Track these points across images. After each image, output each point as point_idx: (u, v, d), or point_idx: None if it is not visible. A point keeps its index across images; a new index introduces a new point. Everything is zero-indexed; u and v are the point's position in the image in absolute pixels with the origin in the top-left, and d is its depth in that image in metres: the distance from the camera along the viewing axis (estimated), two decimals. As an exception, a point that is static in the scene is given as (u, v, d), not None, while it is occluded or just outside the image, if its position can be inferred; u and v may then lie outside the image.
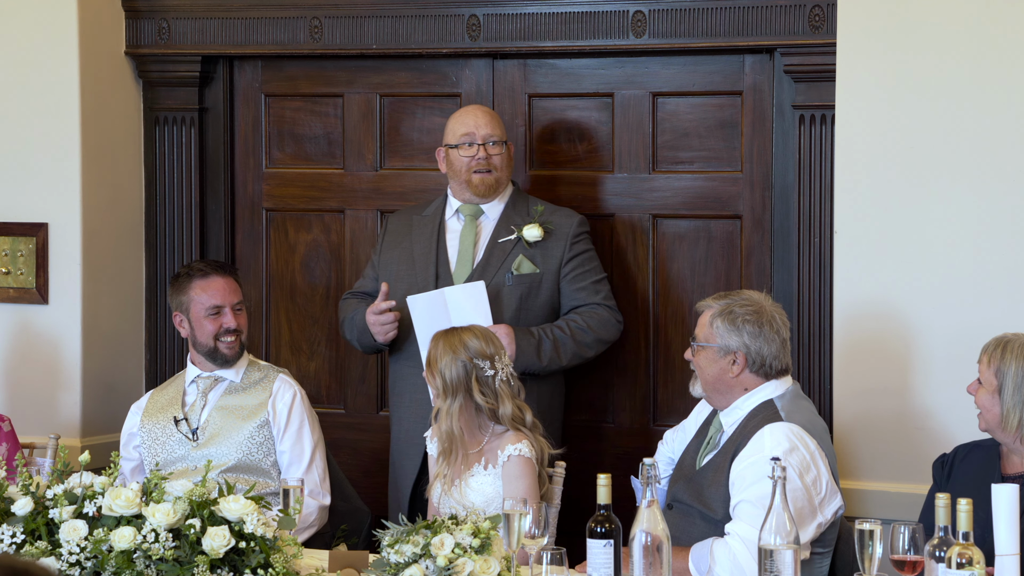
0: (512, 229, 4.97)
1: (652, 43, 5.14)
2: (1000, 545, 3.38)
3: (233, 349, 4.69)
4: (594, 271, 5.00)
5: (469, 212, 5.02)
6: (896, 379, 4.70)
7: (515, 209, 5.01)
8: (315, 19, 5.48)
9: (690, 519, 4.00)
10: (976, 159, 4.61)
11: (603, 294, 4.98)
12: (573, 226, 4.99)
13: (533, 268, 4.94)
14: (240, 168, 5.74)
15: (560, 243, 4.96)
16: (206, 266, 4.79)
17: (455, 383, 4.22)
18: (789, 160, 5.06)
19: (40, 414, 5.47)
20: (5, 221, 5.53)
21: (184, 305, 4.71)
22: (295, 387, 4.72)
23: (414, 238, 5.05)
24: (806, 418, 4.01)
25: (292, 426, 4.66)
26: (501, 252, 4.96)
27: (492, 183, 4.98)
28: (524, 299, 4.91)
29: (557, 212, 5.03)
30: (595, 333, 4.92)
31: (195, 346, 4.72)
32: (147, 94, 5.72)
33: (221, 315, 4.69)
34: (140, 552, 3.57)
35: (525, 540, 3.60)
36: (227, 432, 4.64)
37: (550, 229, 4.96)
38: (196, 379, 4.74)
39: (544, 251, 4.96)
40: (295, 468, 4.62)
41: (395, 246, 5.07)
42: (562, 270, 4.96)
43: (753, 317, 4.05)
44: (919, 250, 4.67)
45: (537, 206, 5.00)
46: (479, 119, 4.99)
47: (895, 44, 4.67)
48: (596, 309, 4.95)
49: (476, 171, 4.96)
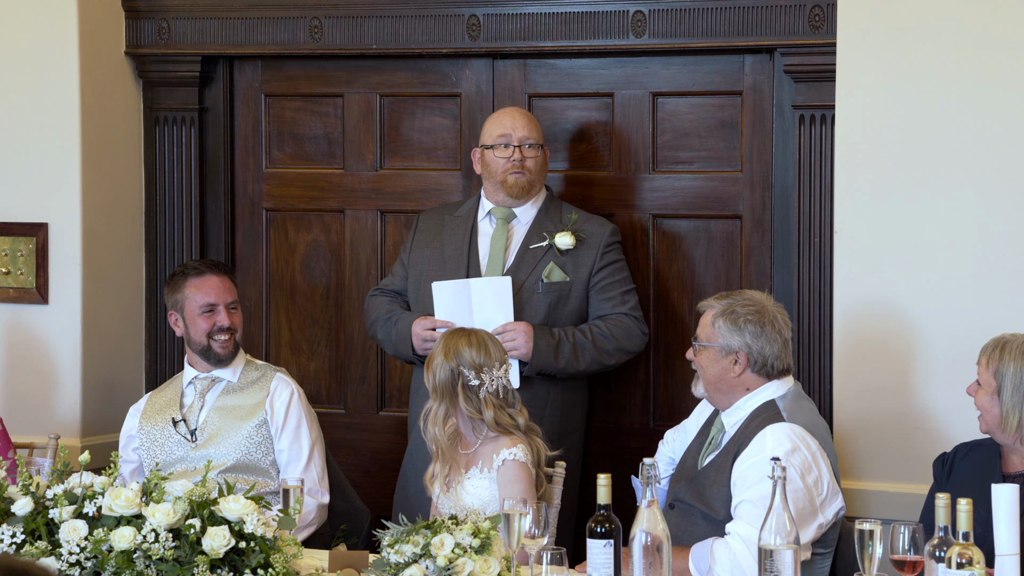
0: (544, 236, 4.94)
1: (652, 43, 5.14)
2: (1000, 545, 3.38)
3: (227, 348, 4.69)
4: (623, 281, 4.96)
5: (501, 215, 5.00)
6: (896, 379, 4.70)
7: (548, 215, 4.99)
8: (315, 19, 5.48)
9: (692, 519, 4.00)
10: (976, 159, 4.61)
11: (630, 304, 4.94)
12: (605, 235, 4.96)
13: (564, 276, 4.91)
14: (240, 168, 5.74)
15: (592, 252, 4.94)
16: (201, 264, 4.81)
17: (442, 387, 4.23)
18: (789, 160, 5.06)
19: (40, 414, 5.47)
20: (5, 221, 5.53)
21: (179, 303, 4.72)
22: (293, 385, 4.72)
23: (445, 238, 5.03)
24: (808, 418, 4.01)
25: (290, 424, 4.66)
26: (532, 258, 4.93)
27: (526, 184, 4.96)
28: (553, 307, 4.89)
29: (590, 220, 5.00)
30: (617, 342, 4.89)
31: (189, 345, 4.73)
32: (147, 94, 5.72)
33: (215, 313, 4.69)
34: (140, 552, 3.57)
35: (525, 540, 3.60)
36: (226, 432, 4.64)
37: (582, 238, 4.94)
38: (193, 380, 4.74)
39: (575, 259, 4.93)
40: (294, 466, 4.62)
41: (426, 245, 5.05)
42: (591, 279, 4.93)
43: (755, 317, 4.05)
44: (919, 250, 4.67)
45: (571, 214, 4.97)
46: (516, 121, 4.97)
47: (895, 44, 4.67)
48: (622, 319, 4.91)
49: (512, 172, 4.95)
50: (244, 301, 5.73)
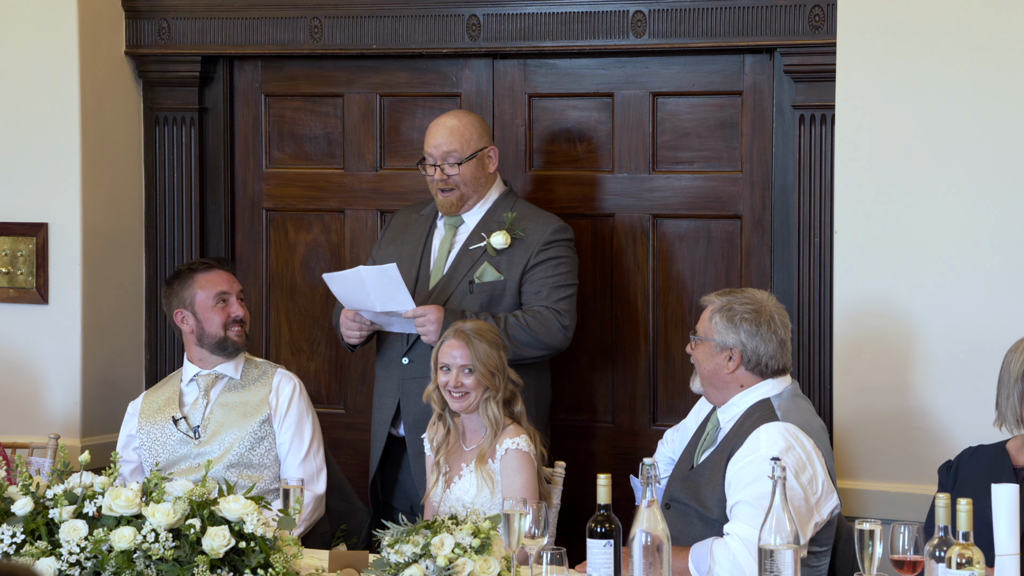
0: (482, 236, 4.91)
1: (652, 43, 5.14)
2: (1000, 545, 3.39)
3: (242, 337, 4.74)
4: (558, 277, 4.87)
5: (450, 222, 4.99)
6: (896, 378, 4.70)
7: (494, 216, 4.95)
8: (315, 19, 5.48)
9: (687, 519, 4.00)
10: (976, 159, 4.61)
11: (556, 298, 4.83)
12: (546, 234, 4.89)
13: (498, 275, 4.87)
14: (240, 168, 5.74)
15: (527, 251, 4.87)
16: (207, 260, 4.89)
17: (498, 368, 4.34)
18: (789, 160, 5.06)
19: (40, 414, 5.47)
20: (5, 221, 5.53)
21: (188, 300, 4.72)
22: (295, 380, 4.76)
23: (406, 237, 5.04)
24: (803, 418, 4.01)
25: (292, 416, 4.69)
26: (469, 259, 4.91)
27: (455, 200, 4.92)
28: (486, 307, 4.85)
29: (534, 218, 4.94)
30: (532, 332, 4.78)
31: (201, 340, 4.72)
32: (147, 94, 5.72)
33: (229, 304, 4.72)
34: (140, 552, 3.57)
35: (525, 540, 3.60)
36: (229, 428, 4.66)
37: (519, 236, 4.88)
38: (196, 377, 4.74)
39: (510, 258, 4.88)
40: (294, 457, 4.65)
41: (391, 242, 5.07)
42: (524, 277, 4.87)
43: (751, 316, 4.06)
44: (919, 250, 4.67)
45: (508, 213, 4.92)
46: (439, 137, 4.91)
47: (895, 44, 4.67)
48: (541, 310, 4.81)
49: (440, 190, 4.93)
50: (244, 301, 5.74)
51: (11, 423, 5.31)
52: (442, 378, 4.35)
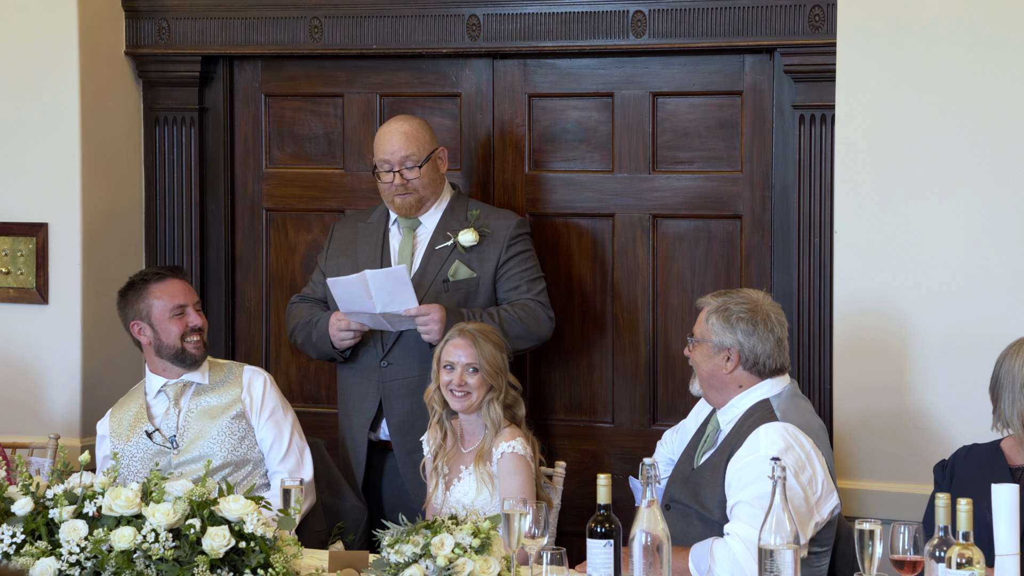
0: (449, 235, 4.94)
1: (652, 43, 5.14)
2: (1000, 545, 3.39)
3: (199, 348, 4.70)
4: (531, 270, 4.96)
5: (407, 224, 5.00)
6: (896, 378, 4.70)
7: (453, 214, 4.98)
8: (315, 19, 5.48)
9: (687, 520, 4.00)
10: (976, 159, 4.61)
11: (536, 291, 4.93)
12: (510, 228, 4.96)
13: (470, 273, 4.91)
14: (240, 168, 5.74)
15: (496, 246, 4.93)
16: (159, 269, 4.84)
17: (501, 370, 4.36)
18: (789, 160, 5.06)
19: (40, 414, 5.47)
20: (5, 221, 5.53)
21: (143, 311, 4.70)
22: (264, 374, 4.78)
23: (359, 245, 5.05)
24: (803, 417, 4.01)
25: (267, 408, 4.71)
26: (438, 259, 4.94)
27: (414, 203, 4.95)
28: (462, 304, 4.88)
29: (494, 215, 5.01)
30: (525, 325, 4.86)
31: (159, 351, 4.70)
32: (147, 94, 5.72)
33: (185, 315, 4.70)
34: (140, 552, 3.57)
35: (525, 540, 3.60)
36: (206, 432, 4.65)
37: (486, 233, 4.93)
38: (163, 388, 4.72)
39: (480, 255, 4.93)
40: (277, 449, 4.67)
41: (341, 253, 5.07)
42: (498, 272, 4.93)
43: (748, 316, 4.06)
44: (919, 250, 4.67)
45: (473, 210, 4.98)
46: (393, 143, 4.92)
47: (895, 44, 4.67)
48: (528, 303, 4.90)
49: (397, 195, 4.94)
50: (244, 301, 5.75)
51: (11, 423, 5.32)
52: (444, 377, 4.35)
